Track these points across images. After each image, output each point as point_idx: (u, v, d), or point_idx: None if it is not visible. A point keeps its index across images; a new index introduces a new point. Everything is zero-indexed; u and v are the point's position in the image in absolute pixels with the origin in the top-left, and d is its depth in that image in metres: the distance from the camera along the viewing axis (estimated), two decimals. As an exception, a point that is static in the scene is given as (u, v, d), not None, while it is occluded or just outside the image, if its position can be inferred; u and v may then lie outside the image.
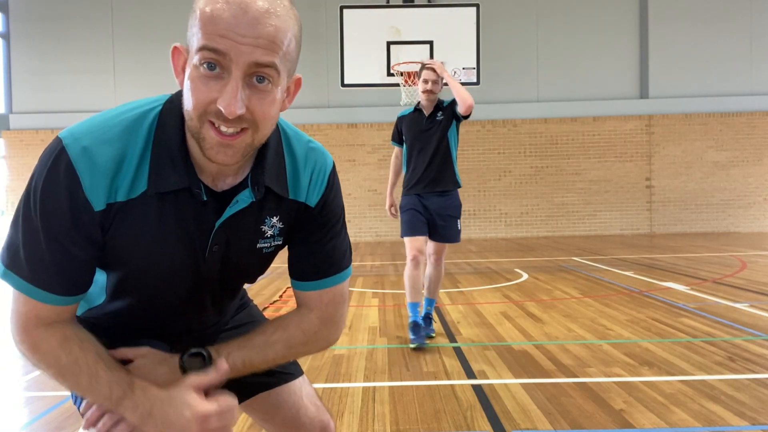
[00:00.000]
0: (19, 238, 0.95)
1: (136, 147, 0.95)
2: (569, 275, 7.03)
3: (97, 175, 0.93)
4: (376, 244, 13.00)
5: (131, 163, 0.95)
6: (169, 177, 0.96)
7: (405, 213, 3.99)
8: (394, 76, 8.20)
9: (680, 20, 14.05)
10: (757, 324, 4.14)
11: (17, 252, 0.95)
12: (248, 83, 0.88)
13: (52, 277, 0.95)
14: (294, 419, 1.30)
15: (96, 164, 0.92)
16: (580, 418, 2.49)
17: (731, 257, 8.56)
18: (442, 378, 3.11)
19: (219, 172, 1.00)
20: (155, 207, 0.98)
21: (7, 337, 4.19)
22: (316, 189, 1.10)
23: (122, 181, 0.95)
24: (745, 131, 14.14)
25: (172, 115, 0.97)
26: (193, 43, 0.88)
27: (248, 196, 1.02)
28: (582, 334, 4.00)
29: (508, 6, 13.89)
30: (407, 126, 4.05)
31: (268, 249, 1.11)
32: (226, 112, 0.86)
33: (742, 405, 2.58)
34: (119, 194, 0.95)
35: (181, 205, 0.99)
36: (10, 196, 14.11)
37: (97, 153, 0.92)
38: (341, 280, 1.16)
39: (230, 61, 0.86)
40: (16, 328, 0.99)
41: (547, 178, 14.18)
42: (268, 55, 0.87)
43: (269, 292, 5.96)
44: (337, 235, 1.15)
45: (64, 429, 2.49)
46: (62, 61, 14.10)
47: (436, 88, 3.97)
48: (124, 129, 0.95)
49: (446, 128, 3.96)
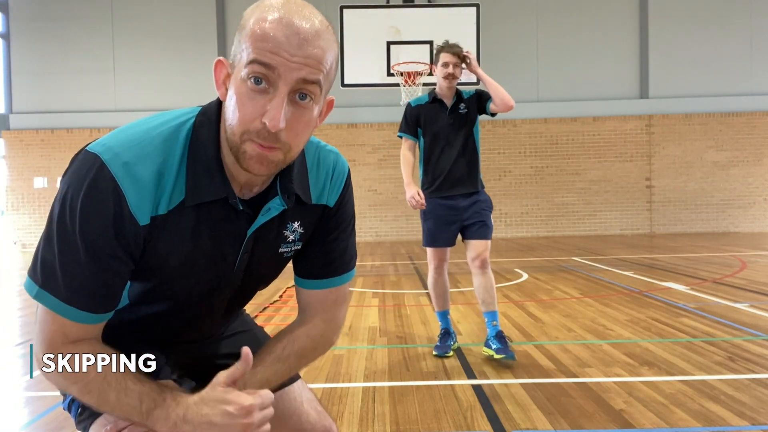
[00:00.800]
0: (56, 257, 0.93)
1: (174, 159, 0.97)
2: (569, 275, 7.03)
3: (141, 191, 0.94)
4: (376, 244, 13.00)
5: (170, 175, 0.96)
6: (207, 187, 0.98)
7: (428, 221, 3.63)
8: (394, 76, 8.20)
9: (680, 20, 14.05)
10: (757, 324, 4.14)
11: (53, 271, 0.93)
12: (291, 99, 0.92)
13: (88, 296, 0.95)
14: (295, 426, 1.29)
15: (139, 180, 0.93)
16: (580, 418, 2.49)
17: (731, 257, 8.56)
18: (442, 378, 3.10)
19: (247, 182, 1.03)
20: (191, 217, 0.99)
21: (6, 338, 4.15)
22: (335, 189, 1.14)
23: (163, 193, 0.96)
24: (745, 131, 14.14)
25: (205, 126, 0.99)
26: (241, 58, 0.91)
27: (279, 204, 1.05)
28: (582, 334, 4.00)
29: (508, 6, 13.90)
30: (427, 118, 3.57)
31: (289, 253, 1.14)
32: (270, 125, 0.90)
33: (742, 405, 2.58)
34: (161, 207, 0.97)
35: (216, 215, 1.01)
36: (10, 196, 14.10)
37: (139, 169, 0.93)
38: (347, 280, 1.19)
39: (278, 76, 0.90)
40: (42, 347, 0.97)
41: (547, 178, 14.18)
42: (315, 74, 0.91)
43: (269, 292, 5.96)
44: (349, 236, 1.18)
45: (64, 429, 2.49)
46: (62, 61, 14.10)
47: (458, 72, 3.52)
48: (162, 142, 0.96)
49: (472, 123, 3.56)
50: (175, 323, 1.16)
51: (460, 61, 3.50)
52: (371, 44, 8.17)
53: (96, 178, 0.92)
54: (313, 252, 1.16)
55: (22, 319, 5.18)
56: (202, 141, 0.98)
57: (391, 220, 14.09)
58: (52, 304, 0.94)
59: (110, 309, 0.99)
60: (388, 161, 14.06)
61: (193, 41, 13.98)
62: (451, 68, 3.48)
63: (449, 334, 3.60)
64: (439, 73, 3.53)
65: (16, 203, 14.06)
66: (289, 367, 1.16)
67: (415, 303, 5.38)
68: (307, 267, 1.17)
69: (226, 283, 1.10)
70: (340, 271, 1.18)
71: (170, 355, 1.19)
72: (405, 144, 3.65)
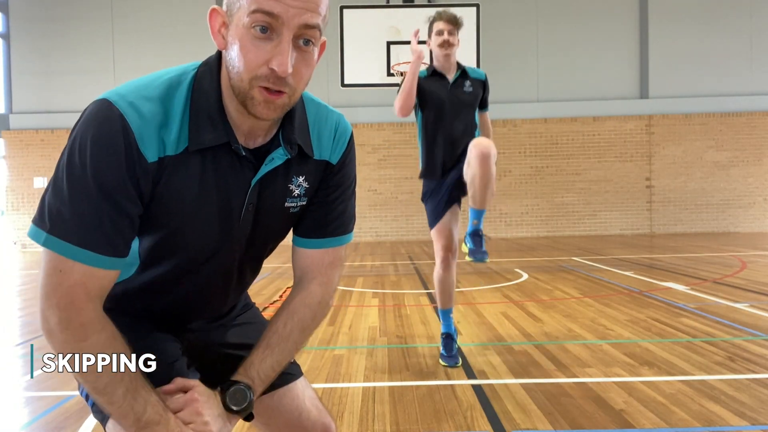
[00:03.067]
0: (65, 200, 0.93)
1: (177, 106, 0.99)
2: (569, 275, 7.03)
3: (147, 127, 0.95)
4: (376, 244, 12.99)
5: (175, 119, 0.98)
6: (209, 133, 1.00)
7: (428, 201, 3.37)
8: (394, 76, 8.20)
9: (680, 20, 14.05)
10: (757, 324, 4.14)
11: (61, 215, 0.92)
12: (295, 45, 0.95)
13: (102, 236, 0.94)
14: (296, 422, 1.30)
15: (144, 117, 0.95)
16: (580, 418, 2.49)
17: (731, 257, 8.56)
18: (442, 378, 3.10)
19: (251, 131, 1.05)
20: (197, 164, 1.01)
21: (6, 337, 4.15)
22: (338, 147, 1.16)
23: (168, 136, 0.98)
24: (745, 131, 14.14)
25: (207, 76, 1.02)
26: (241, 5, 0.94)
27: (283, 154, 1.07)
28: (582, 334, 4.00)
29: (508, 6, 13.89)
30: (428, 91, 3.25)
31: (294, 209, 1.15)
32: (279, 71, 0.93)
33: (742, 405, 2.58)
34: (168, 148, 0.98)
35: (220, 162, 1.03)
36: (10, 196, 14.11)
37: (144, 107, 0.96)
38: (345, 242, 1.22)
39: (282, 23, 0.93)
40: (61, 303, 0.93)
41: (547, 178, 14.18)
42: (315, 18, 0.95)
43: (269, 292, 5.96)
44: (349, 197, 1.21)
45: (64, 429, 2.49)
46: (62, 61, 14.10)
47: (454, 40, 3.22)
48: (165, 89, 0.99)
49: (474, 104, 3.29)
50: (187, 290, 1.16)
51: (455, 27, 3.21)
52: (371, 44, 8.17)
53: (104, 117, 0.94)
54: (314, 210, 1.18)
55: (22, 319, 5.18)
56: (204, 89, 1.01)
57: (391, 220, 14.09)
58: (64, 249, 0.92)
59: (124, 253, 0.98)
60: (388, 161, 14.06)
61: (193, 41, 13.97)
62: (446, 35, 3.19)
63: (452, 339, 3.39)
64: (434, 42, 3.24)
65: (16, 203, 14.06)
66: (293, 344, 1.17)
67: (415, 303, 5.38)
68: (308, 225, 1.18)
69: (235, 238, 1.11)
70: (339, 231, 1.20)
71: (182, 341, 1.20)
72: None
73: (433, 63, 3.33)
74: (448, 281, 3.37)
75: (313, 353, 3.67)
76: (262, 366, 1.11)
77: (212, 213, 1.05)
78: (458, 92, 3.26)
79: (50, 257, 0.93)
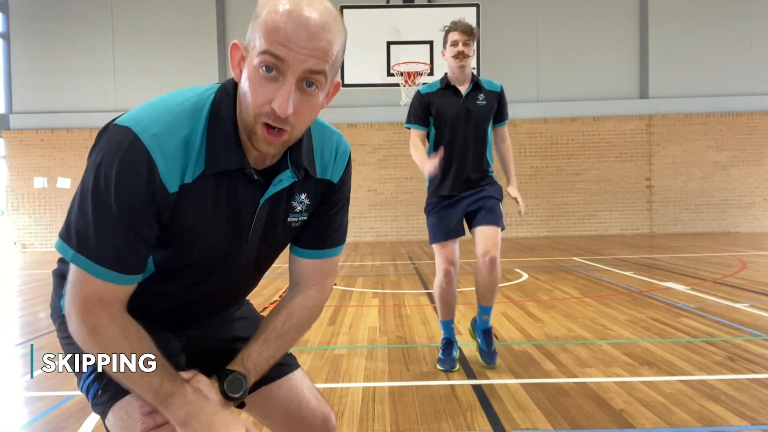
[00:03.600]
0: (90, 223, 1.00)
1: (197, 132, 1.05)
2: (569, 275, 7.03)
3: (170, 160, 1.02)
4: (376, 244, 12.99)
5: (195, 146, 1.04)
6: (225, 158, 1.06)
7: (432, 215, 3.29)
8: (394, 76, 8.20)
9: (680, 20, 14.05)
10: (757, 324, 4.14)
11: (87, 235, 1.00)
12: (299, 87, 1.01)
13: (120, 258, 1.02)
14: (296, 412, 1.33)
15: (167, 150, 1.01)
16: (580, 418, 2.49)
17: (731, 257, 8.56)
18: (442, 378, 3.10)
19: (260, 155, 1.11)
20: (211, 186, 1.07)
21: (6, 337, 4.15)
22: (338, 167, 1.24)
23: (189, 163, 1.04)
24: (745, 131, 14.14)
25: (224, 103, 1.08)
26: (255, 46, 1.00)
27: (290, 176, 1.14)
28: (582, 334, 4.00)
29: (508, 6, 13.89)
30: (440, 106, 3.23)
31: (296, 223, 1.22)
32: (279, 112, 0.99)
33: (742, 405, 2.58)
34: (187, 176, 1.04)
35: (233, 184, 1.10)
36: (10, 196, 14.10)
37: (167, 140, 1.02)
38: (339, 253, 1.31)
39: (287, 67, 0.98)
40: (78, 309, 1.03)
41: (547, 178, 14.18)
42: (320, 65, 1.00)
43: (269, 292, 5.96)
44: (346, 211, 1.30)
45: (64, 429, 2.49)
46: (62, 61, 14.10)
47: (469, 51, 3.18)
48: (187, 116, 1.05)
49: (488, 117, 3.25)
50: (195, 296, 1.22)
51: (470, 38, 3.16)
52: (371, 44, 8.18)
53: (129, 149, 0.99)
54: (314, 224, 1.25)
55: (22, 319, 5.18)
56: (222, 116, 1.07)
57: (391, 220, 14.09)
58: (87, 265, 1.01)
59: (139, 271, 1.06)
60: (388, 161, 14.07)
61: (193, 42, 13.98)
62: (461, 46, 3.15)
63: (452, 344, 3.32)
64: (449, 54, 3.20)
65: (16, 203, 14.06)
66: (289, 341, 1.24)
67: (415, 303, 5.38)
68: (307, 238, 1.26)
69: (243, 252, 1.18)
70: (336, 243, 1.29)
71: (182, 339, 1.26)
72: (414, 135, 3.27)
73: (447, 74, 3.30)
74: (449, 293, 3.27)
75: (313, 353, 3.67)
76: (259, 359, 1.17)
77: (223, 231, 1.12)
78: (471, 105, 3.23)
79: (75, 269, 1.03)
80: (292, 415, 1.33)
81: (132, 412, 1.07)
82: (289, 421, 1.33)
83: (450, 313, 3.34)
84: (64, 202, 13.91)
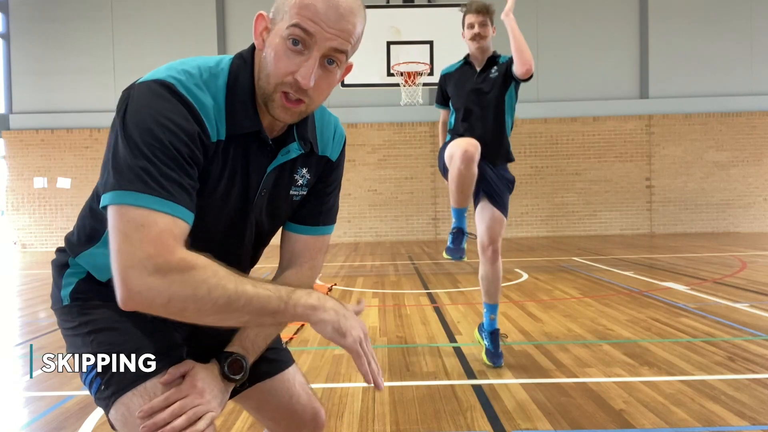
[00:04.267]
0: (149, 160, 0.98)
1: (220, 94, 1.10)
2: (569, 275, 7.03)
3: (206, 112, 1.07)
4: (376, 244, 12.99)
5: (219, 107, 1.09)
6: (244, 121, 1.11)
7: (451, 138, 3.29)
8: (394, 76, 8.20)
9: (680, 20, 14.05)
10: (757, 324, 4.14)
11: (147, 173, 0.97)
12: (321, 63, 1.07)
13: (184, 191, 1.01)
14: (287, 406, 1.35)
15: (204, 105, 1.07)
16: (580, 418, 2.48)
17: (731, 257, 8.56)
18: (442, 378, 3.10)
19: (269, 125, 1.16)
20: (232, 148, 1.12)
21: (6, 337, 4.13)
22: (337, 146, 1.31)
23: (218, 122, 1.09)
24: (745, 131, 14.14)
25: (243, 70, 1.12)
26: (283, 18, 1.06)
27: (297, 148, 1.20)
28: (582, 334, 4.00)
29: (508, 6, 13.88)
30: (455, 83, 3.34)
31: (297, 197, 1.27)
32: (303, 84, 1.05)
33: (742, 405, 2.58)
34: (220, 133, 1.09)
35: (247, 149, 1.14)
36: (10, 196, 14.10)
37: (202, 96, 1.07)
38: (331, 232, 1.36)
39: (315, 42, 1.05)
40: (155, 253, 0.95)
41: (547, 178, 14.18)
42: (344, 45, 1.07)
43: (269, 292, 5.95)
44: (339, 190, 1.37)
45: (64, 429, 2.49)
46: (62, 61, 14.10)
47: (486, 32, 3.23)
48: (209, 78, 1.10)
49: (502, 89, 3.25)
50: None
51: (486, 17, 3.20)
52: (371, 44, 8.16)
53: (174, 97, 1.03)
54: (312, 202, 1.30)
55: (22, 319, 5.18)
56: (240, 82, 1.11)
57: (391, 220, 14.08)
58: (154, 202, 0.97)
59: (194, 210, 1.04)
60: (388, 161, 14.07)
61: (193, 42, 13.98)
62: (477, 28, 3.21)
63: (463, 234, 3.24)
64: (467, 36, 3.27)
65: (16, 203, 14.06)
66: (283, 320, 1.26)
67: (415, 303, 5.38)
68: (304, 213, 1.31)
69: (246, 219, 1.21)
70: (329, 221, 1.34)
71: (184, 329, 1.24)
72: (441, 115, 3.55)
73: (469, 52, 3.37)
74: (468, 177, 3.05)
75: (313, 353, 3.67)
76: (257, 339, 1.21)
77: (233, 195, 1.16)
78: (485, 80, 3.28)
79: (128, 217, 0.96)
80: (282, 409, 1.35)
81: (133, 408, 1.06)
82: (279, 415, 1.35)
83: (465, 201, 3.18)
84: (64, 202, 13.91)
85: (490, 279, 3.31)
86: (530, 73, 3.08)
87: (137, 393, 1.07)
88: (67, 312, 1.22)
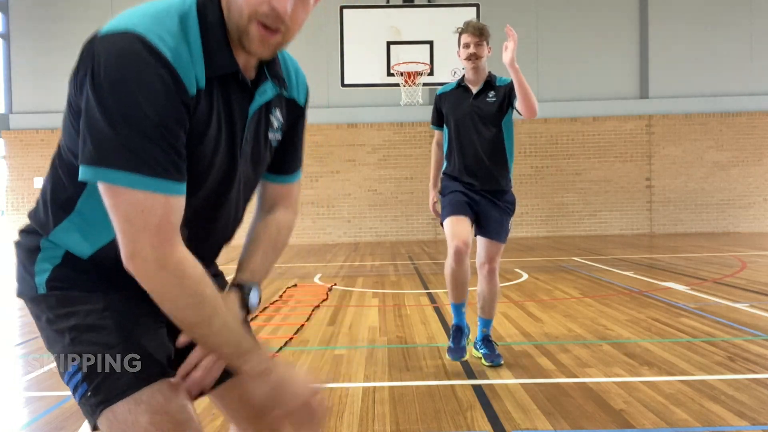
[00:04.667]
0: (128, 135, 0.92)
1: (193, 36, 1.01)
2: (569, 275, 7.03)
3: (182, 63, 0.98)
4: (376, 244, 12.99)
5: (194, 50, 1.00)
6: (221, 62, 1.03)
7: (447, 196, 3.25)
8: (394, 76, 8.20)
9: (680, 20, 14.05)
10: (757, 324, 4.14)
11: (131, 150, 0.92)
12: None
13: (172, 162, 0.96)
14: None
15: (179, 53, 0.97)
16: (580, 418, 2.49)
17: (731, 257, 8.56)
18: (442, 378, 3.10)
19: (244, 65, 1.09)
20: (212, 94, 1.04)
21: (6, 337, 4.13)
22: (302, 89, 1.27)
23: (195, 67, 1.00)
24: (745, 131, 14.14)
25: (209, 8, 1.03)
26: None
27: (272, 87, 1.15)
28: (582, 334, 4.00)
29: (508, 6, 13.88)
30: (450, 105, 3.29)
31: (274, 142, 1.23)
32: (280, 10, 0.98)
33: (742, 405, 2.58)
34: (199, 81, 1.01)
35: (227, 92, 1.07)
36: (10, 196, 14.11)
37: (174, 43, 0.97)
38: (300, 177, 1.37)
39: None
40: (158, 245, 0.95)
41: (547, 178, 14.18)
42: None
43: (269, 292, 5.96)
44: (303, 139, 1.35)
45: (64, 429, 2.49)
46: (62, 61, 14.07)
47: (482, 52, 3.20)
48: (179, 22, 1.00)
49: (500, 115, 3.21)
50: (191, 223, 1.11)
51: (481, 38, 3.18)
52: (371, 44, 8.17)
53: (144, 52, 0.93)
54: (287, 149, 1.28)
55: (22, 319, 5.18)
56: (210, 22, 1.03)
57: (391, 220, 14.08)
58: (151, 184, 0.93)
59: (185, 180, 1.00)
60: (388, 161, 14.07)
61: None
62: (473, 48, 3.17)
63: (462, 332, 3.24)
64: (462, 56, 3.23)
65: (16, 203, 14.06)
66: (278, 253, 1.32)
67: (415, 303, 5.38)
68: (283, 163, 1.29)
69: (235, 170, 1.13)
70: (299, 167, 1.34)
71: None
72: (435, 137, 3.46)
73: (464, 74, 3.35)
74: (460, 274, 3.15)
75: (313, 353, 3.67)
76: (261, 270, 1.24)
77: (222, 145, 1.09)
78: (480, 104, 3.23)
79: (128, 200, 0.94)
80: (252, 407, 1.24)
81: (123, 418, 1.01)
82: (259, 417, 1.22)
83: (460, 296, 3.22)
84: (64, 202, 13.91)
85: (487, 297, 3.32)
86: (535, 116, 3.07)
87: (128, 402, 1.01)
88: (42, 301, 1.11)
